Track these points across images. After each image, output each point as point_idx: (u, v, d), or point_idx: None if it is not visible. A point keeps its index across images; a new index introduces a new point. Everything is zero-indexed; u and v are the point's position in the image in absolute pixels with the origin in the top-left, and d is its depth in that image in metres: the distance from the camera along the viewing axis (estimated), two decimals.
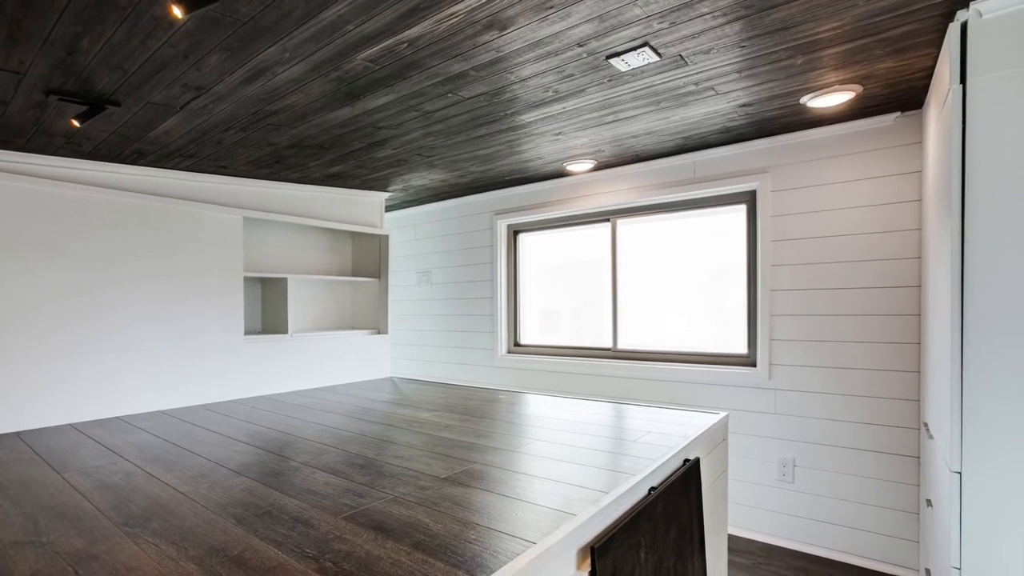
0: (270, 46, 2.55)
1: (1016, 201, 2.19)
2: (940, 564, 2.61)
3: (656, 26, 2.53)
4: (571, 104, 3.44)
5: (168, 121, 3.37)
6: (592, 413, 3.51)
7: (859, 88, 3.29)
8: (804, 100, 3.47)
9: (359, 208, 5.65)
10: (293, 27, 2.39)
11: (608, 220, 5.41)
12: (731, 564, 4.00)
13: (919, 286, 3.75)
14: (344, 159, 4.45)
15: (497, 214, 6.14)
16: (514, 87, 3.15)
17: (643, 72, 3.00)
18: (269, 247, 5.21)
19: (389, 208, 7.05)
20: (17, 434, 3.26)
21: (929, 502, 3.03)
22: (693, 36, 2.63)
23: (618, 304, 5.34)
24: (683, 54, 2.81)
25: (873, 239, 3.91)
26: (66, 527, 1.79)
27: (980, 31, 2.28)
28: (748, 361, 4.55)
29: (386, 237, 5.67)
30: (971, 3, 2.32)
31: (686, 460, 2.66)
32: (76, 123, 3.19)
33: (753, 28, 2.58)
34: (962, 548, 2.31)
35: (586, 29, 2.53)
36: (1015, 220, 2.20)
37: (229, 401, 4.24)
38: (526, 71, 2.94)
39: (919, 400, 3.77)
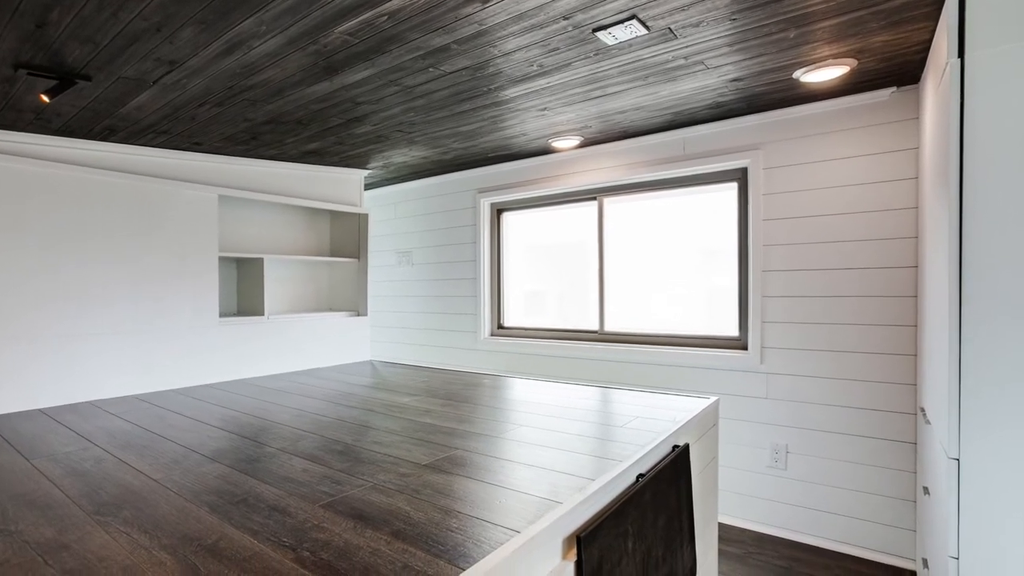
0: (246, 18, 2.52)
1: (1016, 178, 2.18)
2: (937, 553, 2.60)
3: None
4: (556, 79, 3.42)
5: (140, 96, 3.33)
6: (578, 398, 3.52)
7: (853, 62, 3.29)
8: (797, 75, 3.47)
9: (337, 186, 5.62)
10: None
11: (595, 198, 5.41)
12: (721, 554, 4.01)
13: (916, 266, 3.75)
14: (322, 135, 4.42)
15: (480, 192, 6.12)
16: (497, 61, 3.13)
17: (631, 46, 2.99)
18: (245, 226, 5.18)
19: (368, 186, 7.01)
20: None
21: (926, 490, 3.02)
22: (682, 8, 2.62)
23: (605, 285, 5.34)
24: (672, 27, 2.80)
25: (868, 218, 3.91)
26: (35, 515, 1.78)
27: (979, 4, 2.26)
28: (739, 344, 4.56)
29: (365, 216, 5.65)
30: None
31: (675, 446, 2.67)
32: (45, 98, 3.16)
33: (744, 0, 2.57)
34: (960, 537, 2.30)
35: (572, 1, 2.52)
36: (1015, 198, 2.18)
37: (203, 385, 4.23)
38: (510, 44, 2.92)
39: (916, 384, 3.77)
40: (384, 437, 2.67)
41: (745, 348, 4.52)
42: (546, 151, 5.36)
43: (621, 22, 2.72)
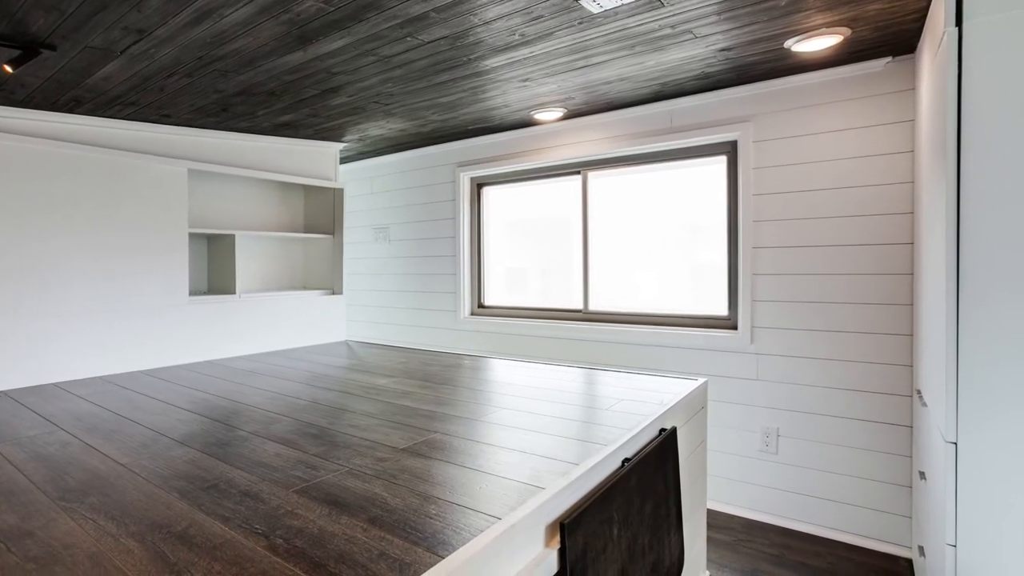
0: None
1: (1016, 152, 2.16)
2: (934, 541, 2.59)
3: None
4: (539, 48, 3.41)
5: (107, 67, 3.29)
6: (561, 379, 3.53)
7: (847, 31, 3.29)
8: (788, 44, 3.46)
9: (312, 160, 5.58)
10: None
11: (579, 172, 5.40)
12: (710, 541, 4.02)
13: (912, 243, 3.75)
14: (296, 107, 4.38)
15: (460, 166, 6.10)
16: (478, 30, 3.11)
17: (616, 14, 2.98)
18: (215, 201, 5.14)
19: (344, 160, 6.96)
20: None
21: (922, 474, 3.00)
22: None
23: (589, 263, 5.34)
24: None
25: (862, 192, 3.90)
26: None
27: None
28: (728, 324, 4.56)
29: (341, 191, 5.61)
30: None
31: (662, 430, 2.68)
32: (8, 68, 3.11)
33: None
34: (957, 524, 2.28)
35: None
36: (1015, 172, 2.17)
37: (173, 366, 4.22)
38: (491, 13, 2.91)
39: (911, 365, 3.77)
40: (360, 420, 2.67)
41: (735, 328, 4.52)
42: (528, 123, 5.34)
43: None
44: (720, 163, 4.63)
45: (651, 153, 4.93)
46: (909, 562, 3.72)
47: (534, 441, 2.33)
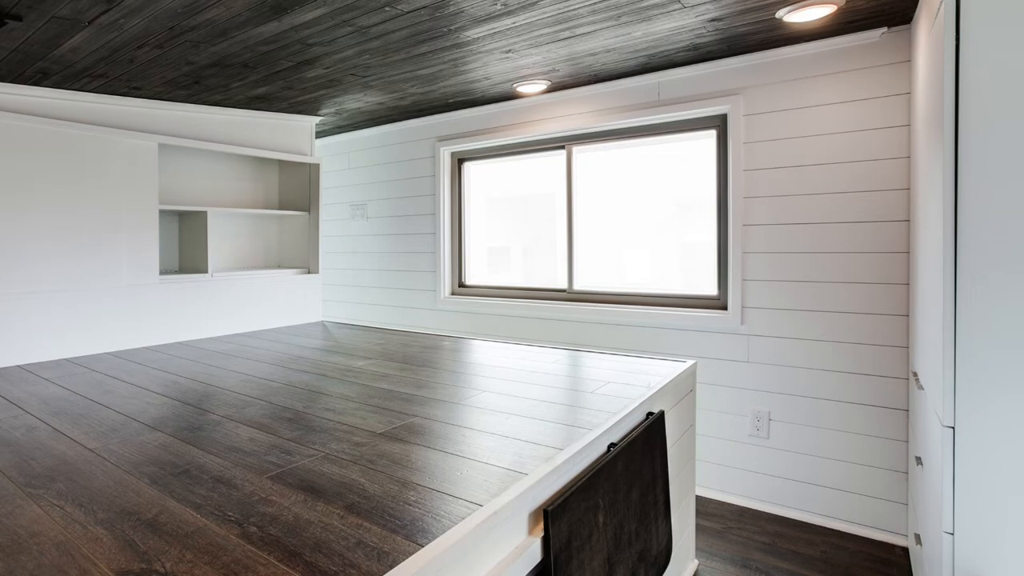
0: None
1: (1015, 124, 2.13)
2: (931, 528, 2.57)
3: None
4: (522, 18, 3.39)
5: (75, 37, 3.25)
6: (545, 361, 3.54)
7: (841, 0, 3.28)
8: (780, 14, 3.46)
9: (287, 134, 5.54)
10: None
11: (563, 147, 5.38)
12: (699, 528, 4.01)
13: (908, 220, 3.74)
14: (270, 80, 4.34)
15: (440, 140, 6.07)
16: None
17: None
18: (187, 177, 5.10)
19: (320, 134, 6.91)
20: None
21: (919, 460, 2.97)
22: None
23: (574, 241, 5.33)
24: None
25: (857, 168, 3.89)
26: None
27: None
28: (718, 304, 4.55)
29: (316, 166, 5.58)
30: None
31: (649, 413, 2.69)
32: None
33: None
34: (955, 511, 2.25)
35: None
36: (1014, 145, 2.14)
37: (143, 348, 4.20)
38: None
39: (908, 347, 3.76)
40: (337, 404, 2.67)
41: (725, 308, 4.51)
42: (511, 96, 5.32)
43: None
44: (710, 138, 4.62)
45: (638, 127, 4.91)
46: (905, 550, 3.71)
47: (517, 425, 2.34)
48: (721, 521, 4.10)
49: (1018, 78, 2.14)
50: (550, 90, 5.10)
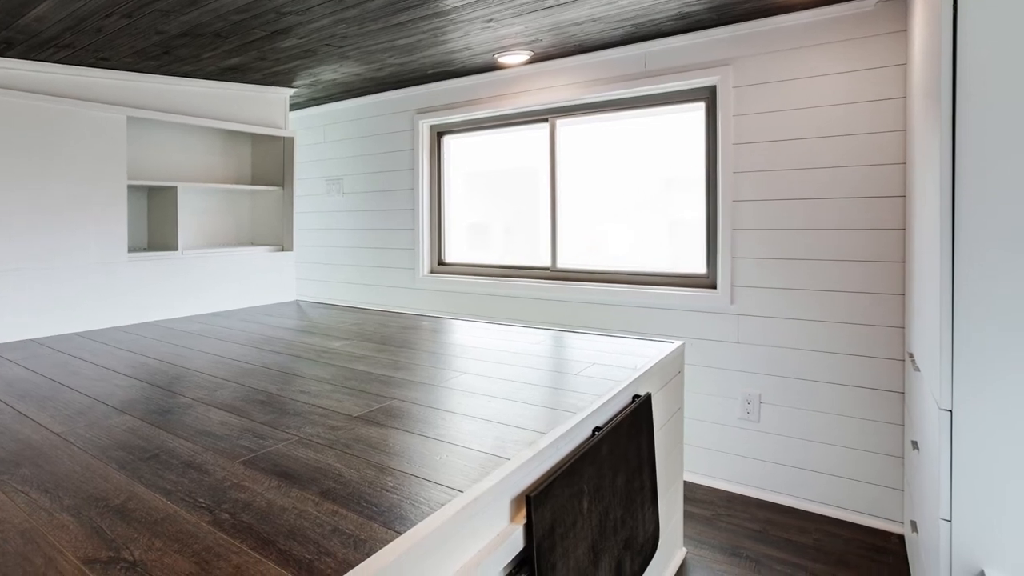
0: None
1: (1015, 96, 2.09)
2: (927, 515, 2.54)
3: None
4: None
5: (40, 6, 3.20)
6: (527, 342, 3.54)
7: None
8: None
9: (260, 106, 5.50)
10: None
11: (546, 120, 5.36)
12: (687, 515, 4.00)
13: (903, 196, 3.72)
14: (243, 50, 4.30)
15: (419, 113, 6.03)
16: None
17: None
18: (156, 151, 5.04)
19: (294, 106, 6.85)
20: None
21: (915, 444, 2.93)
22: None
23: (558, 217, 5.33)
24: None
25: (851, 141, 3.88)
26: None
27: None
28: (707, 282, 4.54)
29: (291, 139, 5.54)
30: None
31: (636, 396, 2.70)
32: None
33: None
34: (952, 497, 2.22)
35: None
36: (1014, 117, 2.10)
37: (110, 328, 4.17)
38: None
39: (903, 327, 3.74)
40: (312, 386, 2.66)
41: (714, 287, 4.49)
42: (492, 67, 5.30)
43: None
44: (698, 110, 4.61)
45: (624, 99, 4.89)
46: (901, 538, 3.70)
47: (498, 408, 2.34)
48: (710, 508, 4.10)
49: (1017, 47, 2.09)
50: (533, 61, 5.08)
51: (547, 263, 5.41)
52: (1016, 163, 2.10)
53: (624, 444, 2.42)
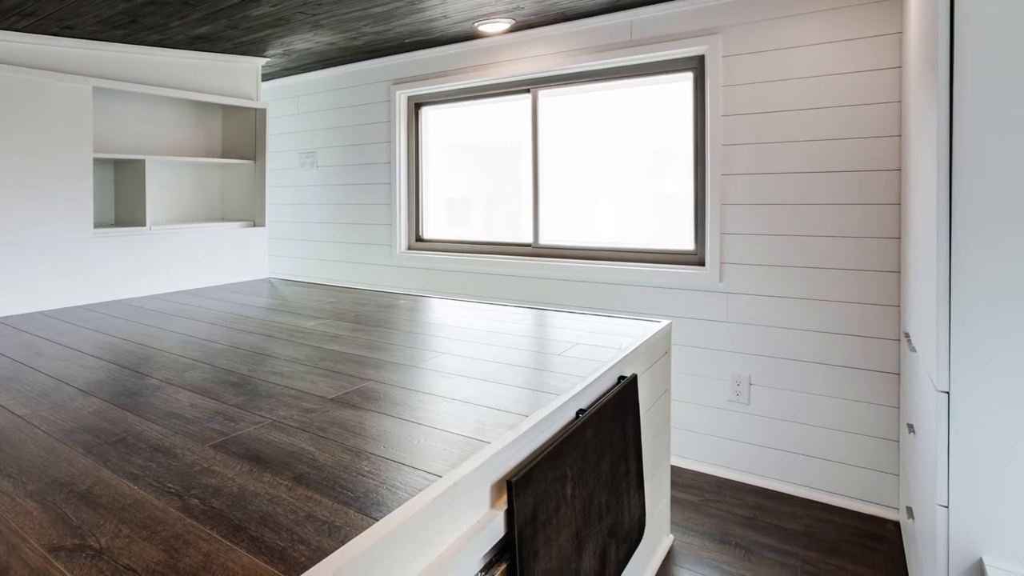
0: None
1: (1015, 65, 2.07)
2: (924, 501, 2.53)
3: None
4: None
5: None
6: (509, 321, 3.54)
7: None
8: None
9: (231, 76, 5.45)
10: None
11: (528, 91, 5.34)
12: (675, 501, 4.00)
13: (899, 169, 3.70)
14: (213, 18, 4.25)
15: (395, 84, 5.99)
16: None
17: None
18: (123, 123, 5.00)
19: (267, 76, 6.79)
20: None
21: (911, 427, 2.92)
22: None
23: (540, 192, 5.31)
24: None
25: (844, 113, 3.86)
26: None
27: None
28: (695, 259, 4.52)
29: (263, 111, 5.51)
30: None
31: (621, 377, 2.70)
32: None
33: None
34: (950, 482, 2.21)
35: None
36: (1014, 87, 2.08)
37: (75, 307, 4.14)
38: None
39: (899, 306, 3.73)
40: (285, 367, 2.65)
41: (702, 264, 4.48)
42: (472, 36, 5.27)
43: None
44: (686, 81, 4.59)
45: (609, 69, 4.87)
46: (896, 524, 3.69)
47: (478, 390, 2.34)
48: (698, 493, 4.09)
49: (1018, 16, 2.06)
50: (514, 29, 5.05)
51: (529, 239, 5.40)
52: (1016, 137, 2.08)
53: (609, 427, 2.42)
